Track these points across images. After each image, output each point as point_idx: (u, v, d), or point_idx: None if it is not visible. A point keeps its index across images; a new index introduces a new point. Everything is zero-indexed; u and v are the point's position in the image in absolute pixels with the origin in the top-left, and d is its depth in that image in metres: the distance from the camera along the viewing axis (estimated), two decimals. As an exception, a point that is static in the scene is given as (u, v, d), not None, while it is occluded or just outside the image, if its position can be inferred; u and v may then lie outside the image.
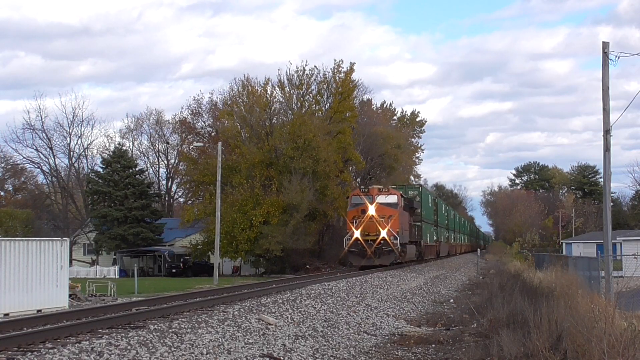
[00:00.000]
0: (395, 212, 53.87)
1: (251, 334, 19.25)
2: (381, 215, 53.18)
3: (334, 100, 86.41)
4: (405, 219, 57.85)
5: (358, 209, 54.10)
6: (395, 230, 53.04)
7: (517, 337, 18.21)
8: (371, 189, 55.36)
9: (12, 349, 14.51)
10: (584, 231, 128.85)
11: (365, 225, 52.98)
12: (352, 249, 53.25)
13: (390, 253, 53.19)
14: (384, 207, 53.62)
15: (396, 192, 57.00)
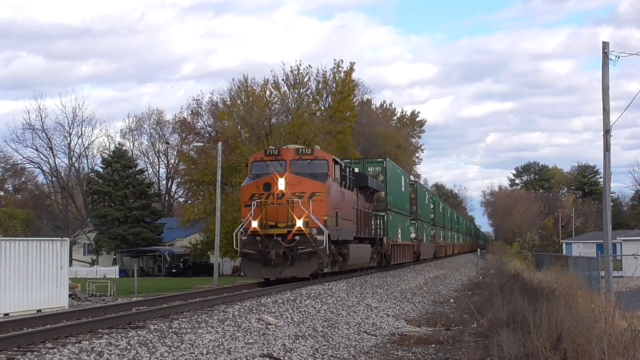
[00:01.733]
0: (323, 187, 33.94)
1: (251, 334, 19.25)
2: (299, 192, 33.64)
3: (334, 100, 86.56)
4: (345, 200, 37.98)
5: (260, 182, 34.00)
6: (322, 216, 33.43)
7: (517, 337, 18.22)
8: (284, 151, 35.20)
9: (12, 349, 14.50)
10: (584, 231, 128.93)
11: (270, 209, 33.14)
12: (247, 250, 33.41)
13: (311, 257, 33.24)
14: (304, 179, 33.96)
15: (326, 155, 36.15)
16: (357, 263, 41.85)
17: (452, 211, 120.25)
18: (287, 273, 33.28)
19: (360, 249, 41.51)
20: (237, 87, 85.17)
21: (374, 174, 50.44)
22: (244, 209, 34.35)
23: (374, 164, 52.57)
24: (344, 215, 37.31)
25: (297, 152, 34.70)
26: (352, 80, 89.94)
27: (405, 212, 61.34)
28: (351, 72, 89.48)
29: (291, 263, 33.27)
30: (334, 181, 35.54)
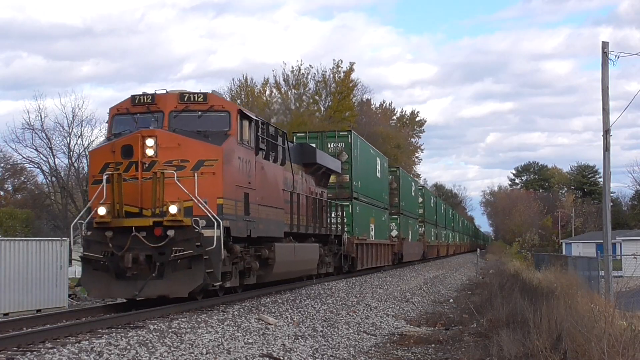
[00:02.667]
0: (218, 152, 22.34)
1: (251, 334, 19.26)
2: (178, 160, 22.03)
3: (333, 100, 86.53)
4: (268, 178, 26.63)
5: (116, 145, 22.42)
6: (214, 198, 21.97)
7: (516, 337, 18.23)
8: (160, 97, 23.36)
9: (12, 349, 14.51)
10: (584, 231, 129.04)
11: (129, 187, 21.77)
12: (89, 254, 22.05)
13: (193, 264, 21.45)
14: (187, 140, 22.38)
15: (228, 104, 24.31)
16: (291, 270, 30.30)
17: (446, 207, 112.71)
18: (151, 291, 21.36)
19: (298, 250, 30.32)
20: (237, 87, 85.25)
21: (336, 151, 41.33)
22: (91, 188, 22.55)
23: (336, 139, 42.09)
24: (266, 199, 26.01)
25: (182, 99, 23.03)
26: (351, 80, 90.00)
27: (381, 203, 51.90)
28: (350, 72, 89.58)
29: (159, 274, 21.18)
30: (242, 145, 23.75)
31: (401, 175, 62.83)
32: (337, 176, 40.71)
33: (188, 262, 21.29)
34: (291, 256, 29.18)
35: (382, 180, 53.26)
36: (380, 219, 51.15)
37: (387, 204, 54.82)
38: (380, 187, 52.55)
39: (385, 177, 55.24)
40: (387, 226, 54.93)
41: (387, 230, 54.21)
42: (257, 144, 25.38)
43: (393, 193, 59.18)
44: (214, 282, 22.12)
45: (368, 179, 47.45)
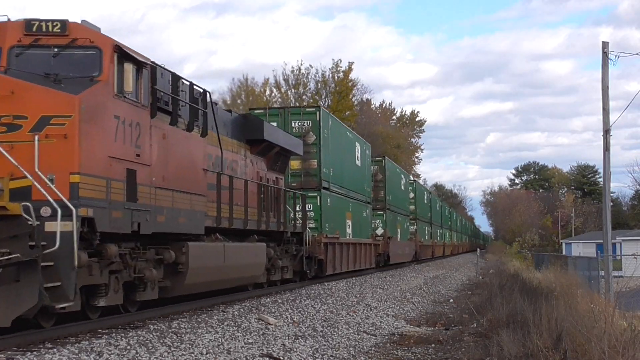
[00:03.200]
0: (72, 104, 15.43)
1: (251, 334, 19.26)
2: (10, 116, 15.25)
3: (333, 100, 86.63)
4: (178, 150, 19.94)
5: None
6: (65, 172, 15.24)
7: (517, 336, 18.21)
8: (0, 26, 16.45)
9: (12, 349, 14.49)
10: (584, 231, 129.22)
11: None
12: None
13: (23, 276, 14.01)
14: (28, 85, 15.48)
15: (101, 38, 16.73)
16: (219, 279, 23.27)
17: (442, 204, 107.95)
18: None
19: (232, 252, 23.18)
20: (237, 86, 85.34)
21: (302, 131, 35.60)
22: None
23: (301, 117, 35.92)
24: (173, 181, 19.27)
25: (29, 29, 16.49)
26: (350, 79, 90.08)
27: (361, 196, 46.51)
28: (349, 71, 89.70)
29: None
30: (123, 100, 17.05)
31: (387, 166, 56.68)
32: (302, 161, 35.31)
33: (14, 271, 14.10)
34: (217, 260, 22.17)
35: (362, 169, 46.66)
36: (360, 215, 45.26)
37: (369, 198, 49.05)
38: (361, 176, 45.98)
39: (367, 166, 48.79)
40: (369, 223, 49.09)
41: (369, 228, 48.55)
42: (154, 100, 18.49)
43: (378, 186, 53.65)
44: (62, 301, 15.14)
45: (344, 166, 41.02)
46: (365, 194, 47.84)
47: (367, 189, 48.83)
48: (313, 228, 34.82)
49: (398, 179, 62.73)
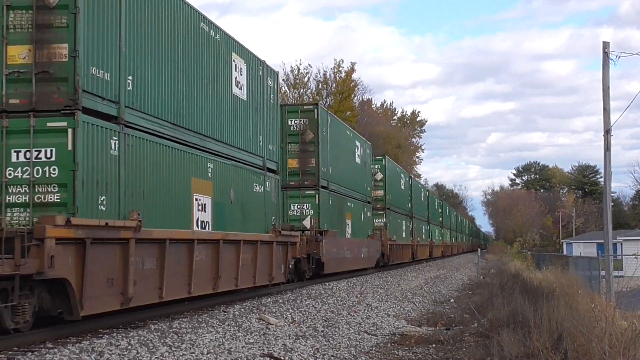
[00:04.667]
0: None
1: (252, 334, 19.27)
2: None
3: (334, 100, 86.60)
4: None
5: None
6: None
7: (517, 336, 18.21)
8: None
9: (13, 349, 14.51)
10: (585, 231, 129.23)
11: None
12: None
13: None
14: None
15: None
16: None
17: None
18: None
19: None
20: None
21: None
22: None
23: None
24: None
25: None
26: (352, 80, 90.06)
27: (362, 196, 45.38)
28: (352, 72, 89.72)
29: None
30: None
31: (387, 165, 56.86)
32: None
33: None
34: None
35: (362, 168, 46.75)
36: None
37: (370, 197, 49.16)
38: (361, 175, 46.56)
39: (368, 165, 49.49)
40: (371, 223, 48.81)
41: (370, 228, 47.59)
42: None
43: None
44: None
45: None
46: (365, 193, 47.50)
47: (367, 188, 48.33)
48: None
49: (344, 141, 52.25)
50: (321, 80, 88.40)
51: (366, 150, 48.04)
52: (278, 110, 31.54)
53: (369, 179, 48.88)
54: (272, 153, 29.36)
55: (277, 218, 29.23)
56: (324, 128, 36.73)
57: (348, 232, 41.71)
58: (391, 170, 59.03)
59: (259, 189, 27.19)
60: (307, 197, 35.39)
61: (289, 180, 35.30)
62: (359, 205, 45.04)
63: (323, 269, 36.10)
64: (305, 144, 35.61)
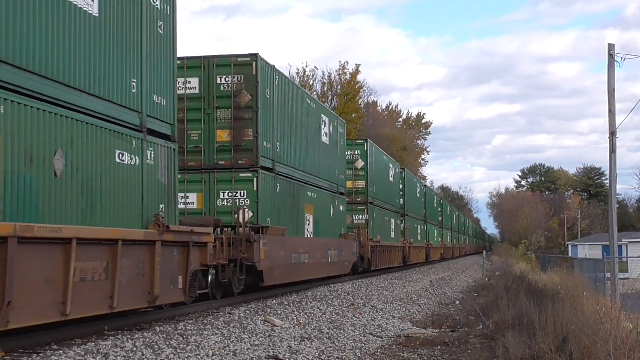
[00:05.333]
0: None
1: (257, 336, 19.28)
2: None
3: (339, 102, 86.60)
4: None
5: None
6: None
7: (522, 338, 18.21)
8: None
9: (18, 350, 14.53)
10: (590, 233, 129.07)
11: None
12: None
13: None
14: None
15: None
16: None
17: (428, 192, 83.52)
18: None
19: None
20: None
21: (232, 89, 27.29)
22: None
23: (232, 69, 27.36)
24: None
25: None
26: (357, 81, 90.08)
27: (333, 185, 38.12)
28: (356, 73, 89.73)
29: None
30: None
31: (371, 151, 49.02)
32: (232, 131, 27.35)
33: None
34: None
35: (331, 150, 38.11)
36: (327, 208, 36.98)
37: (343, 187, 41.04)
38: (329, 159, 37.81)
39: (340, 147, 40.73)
40: (344, 220, 40.89)
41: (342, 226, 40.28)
42: None
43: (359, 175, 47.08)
44: None
45: (299, 143, 32.77)
46: (336, 181, 38.73)
47: (339, 176, 39.65)
48: None
49: (383, 166, 53.49)
50: (326, 82, 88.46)
51: (338, 129, 40.25)
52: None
53: (342, 164, 40.55)
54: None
55: (168, 207, 19.75)
56: (268, 89, 28.18)
57: (308, 231, 33.10)
58: (376, 158, 50.92)
59: (130, 160, 18.09)
60: (242, 182, 26.99)
61: (218, 159, 27.04)
62: (325, 197, 36.29)
63: (262, 279, 26.88)
64: (240, 109, 26.99)
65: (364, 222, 47.14)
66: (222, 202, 27.11)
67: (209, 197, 27.13)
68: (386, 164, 55.34)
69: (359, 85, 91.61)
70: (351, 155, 46.88)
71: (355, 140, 49.14)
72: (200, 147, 27.19)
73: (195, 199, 27.18)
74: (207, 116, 27.19)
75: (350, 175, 46.17)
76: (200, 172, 27.17)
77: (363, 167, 47.28)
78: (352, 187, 46.54)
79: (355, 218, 46.96)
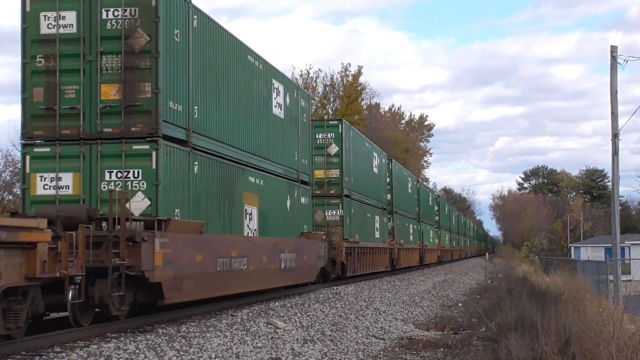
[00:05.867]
0: None
1: (260, 338, 19.28)
2: None
3: (342, 103, 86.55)
4: None
5: None
6: None
7: (525, 341, 18.20)
8: None
9: (20, 353, 14.53)
10: (592, 235, 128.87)
11: None
12: None
13: None
14: None
15: None
16: None
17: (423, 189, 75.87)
18: None
19: None
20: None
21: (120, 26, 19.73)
22: None
23: None
24: None
25: None
26: (359, 83, 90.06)
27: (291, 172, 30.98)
28: (359, 75, 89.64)
29: None
30: None
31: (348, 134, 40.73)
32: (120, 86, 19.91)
33: None
34: None
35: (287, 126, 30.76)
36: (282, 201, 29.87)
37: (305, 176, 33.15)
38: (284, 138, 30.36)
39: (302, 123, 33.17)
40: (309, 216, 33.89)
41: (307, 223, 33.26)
42: None
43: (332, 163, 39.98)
44: None
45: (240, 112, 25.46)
46: (293, 166, 31.51)
47: (300, 160, 32.52)
48: None
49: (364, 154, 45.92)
50: (328, 84, 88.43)
51: (300, 102, 32.86)
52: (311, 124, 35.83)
53: (305, 146, 33.49)
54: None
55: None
56: (178, 30, 20.92)
57: (249, 228, 25.94)
58: (354, 143, 43.11)
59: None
60: (135, 157, 19.78)
61: (103, 125, 19.88)
62: (278, 185, 29.45)
63: (162, 295, 19.14)
64: (133, 55, 19.75)
65: (338, 219, 39.38)
66: (108, 186, 19.58)
67: (89, 178, 19.77)
68: (369, 151, 47.62)
69: (361, 87, 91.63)
70: (323, 139, 39.42)
71: (329, 121, 40.67)
72: (79, 109, 19.78)
73: (70, 182, 19.80)
74: (88, 65, 19.84)
75: (322, 163, 39.27)
76: (78, 143, 19.84)
77: (337, 154, 39.55)
78: (323, 178, 39.28)
79: (327, 214, 39.37)
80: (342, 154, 39.49)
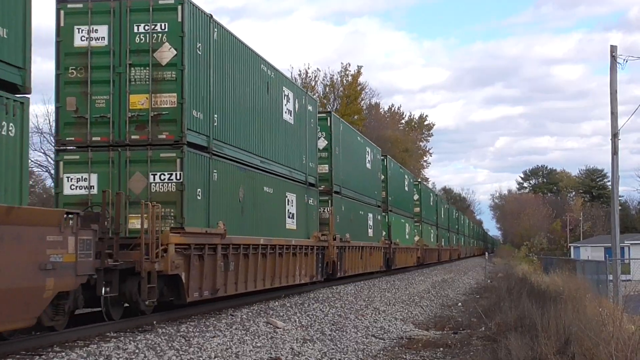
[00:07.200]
0: None
1: (259, 338, 19.28)
2: None
3: (341, 103, 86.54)
4: None
5: None
6: None
7: (525, 340, 18.21)
8: None
9: (20, 353, 14.54)
10: (592, 235, 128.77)
11: None
12: None
13: None
14: None
15: None
16: None
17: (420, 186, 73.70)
18: None
19: None
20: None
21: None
22: None
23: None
24: None
25: None
26: (359, 83, 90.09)
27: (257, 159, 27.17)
28: (358, 75, 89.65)
29: None
30: None
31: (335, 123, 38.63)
32: None
33: None
34: None
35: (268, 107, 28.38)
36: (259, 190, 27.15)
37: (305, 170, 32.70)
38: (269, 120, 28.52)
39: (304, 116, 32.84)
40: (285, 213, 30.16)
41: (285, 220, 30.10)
42: None
43: None
44: None
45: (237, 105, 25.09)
46: (306, 171, 32.73)
47: (309, 164, 33.39)
48: None
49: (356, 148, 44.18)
50: (328, 84, 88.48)
51: (307, 107, 33.62)
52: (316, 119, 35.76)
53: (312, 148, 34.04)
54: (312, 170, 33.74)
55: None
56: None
57: None
58: (345, 137, 41.29)
59: None
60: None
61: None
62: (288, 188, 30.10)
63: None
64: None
65: (327, 217, 36.98)
66: None
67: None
68: (362, 147, 45.79)
69: (361, 87, 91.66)
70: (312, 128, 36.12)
71: (319, 114, 37.43)
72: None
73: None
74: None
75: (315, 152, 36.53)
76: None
77: (326, 147, 37.70)
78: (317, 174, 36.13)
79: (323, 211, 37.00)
80: (331, 147, 37.90)
